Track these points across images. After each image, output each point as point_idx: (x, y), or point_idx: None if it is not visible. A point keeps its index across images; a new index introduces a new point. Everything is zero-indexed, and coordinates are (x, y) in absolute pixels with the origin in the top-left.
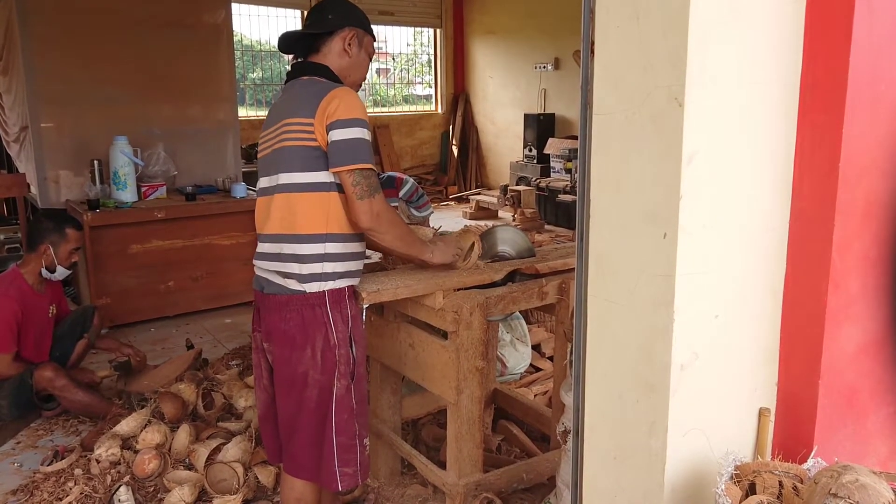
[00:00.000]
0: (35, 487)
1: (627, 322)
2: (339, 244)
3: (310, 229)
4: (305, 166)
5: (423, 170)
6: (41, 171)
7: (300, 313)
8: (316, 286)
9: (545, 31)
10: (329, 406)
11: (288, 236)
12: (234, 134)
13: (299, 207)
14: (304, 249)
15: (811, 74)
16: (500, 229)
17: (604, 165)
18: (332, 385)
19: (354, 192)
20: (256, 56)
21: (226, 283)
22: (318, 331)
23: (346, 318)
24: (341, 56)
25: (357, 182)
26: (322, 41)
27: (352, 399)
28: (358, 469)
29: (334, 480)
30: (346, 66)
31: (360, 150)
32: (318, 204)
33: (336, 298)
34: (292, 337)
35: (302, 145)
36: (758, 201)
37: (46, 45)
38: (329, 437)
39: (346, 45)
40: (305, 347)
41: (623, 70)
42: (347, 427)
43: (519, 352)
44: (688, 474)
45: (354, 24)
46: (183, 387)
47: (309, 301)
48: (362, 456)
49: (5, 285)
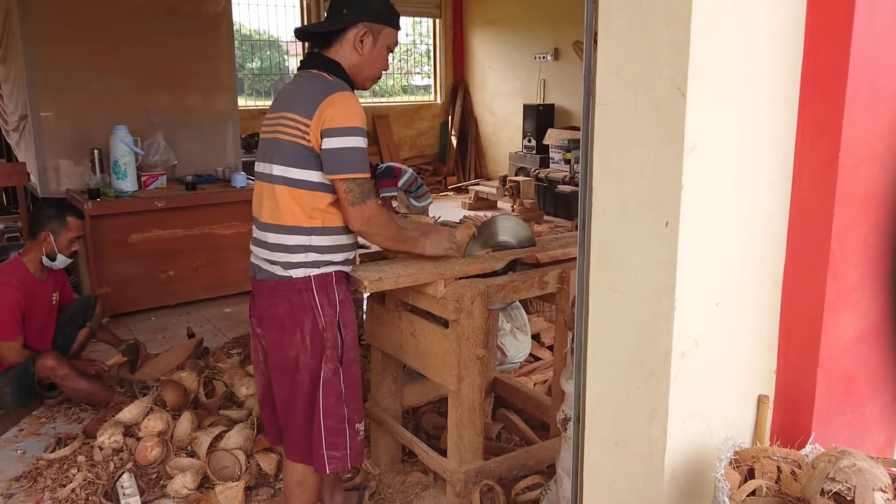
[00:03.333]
0: (38, 474)
1: (629, 309)
2: (326, 237)
3: (295, 222)
4: (298, 163)
5: (423, 160)
6: (41, 160)
7: (288, 298)
8: (301, 272)
9: (544, 21)
10: (318, 389)
11: (275, 226)
12: (233, 123)
13: (287, 201)
14: (290, 241)
15: (812, 65)
16: (500, 218)
17: (606, 155)
18: (320, 368)
19: (347, 198)
20: (255, 45)
21: (225, 273)
22: (305, 315)
23: (333, 303)
24: (352, 53)
25: (350, 189)
26: (335, 36)
27: (340, 383)
28: (347, 453)
29: (322, 464)
30: (357, 62)
31: (355, 159)
32: (305, 201)
33: (322, 283)
34: (281, 321)
35: (296, 142)
36: (759, 191)
37: (45, 33)
38: (317, 421)
39: (358, 41)
40: (294, 332)
41: (626, 60)
42: (336, 411)
43: (519, 341)
44: (688, 460)
45: (370, 18)
46: (184, 375)
47: (296, 286)
48: (353, 440)
49: (7, 274)
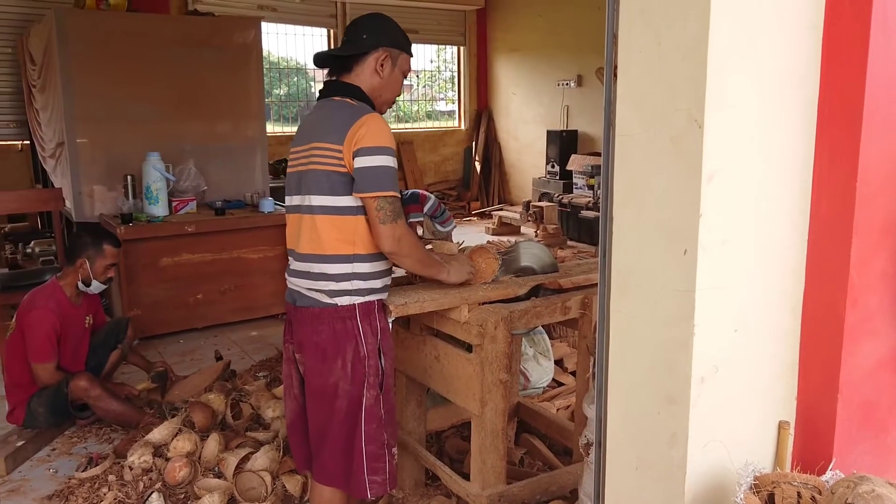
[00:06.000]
0: (70, 493)
1: (649, 335)
2: (367, 263)
3: (337, 250)
4: (334, 190)
5: (447, 185)
6: (76, 185)
7: (331, 326)
8: (346, 300)
9: (567, 48)
10: (359, 416)
11: (317, 256)
12: (262, 150)
13: (327, 230)
14: (333, 269)
15: (828, 95)
16: (523, 244)
17: (626, 183)
18: (361, 395)
19: (378, 216)
20: (282, 72)
21: (253, 296)
22: (348, 342)
23: (375, 331)
24: (372, 76)
25: (381, 207)
26: (355, 61)
27: (380, 409)
28: (387, 477)
29: (363, 488)
30: (377, 85)
31: (385, 177)
32: (346, 227)
33: (366, 311)
34: (324, 349)
35: (331, 170)
36: (777, 219)
37: (83, 64)
38: (359, 447)
39: (379, 65)
40: (336, 359)
41: (645, 92)
42: (377, 436)
43: (542, 366)
44: (708, 485)
45: (389, 43)
46: (212, 397)
47: (340, 314)
48: (391, 465)
49: (45, 297)
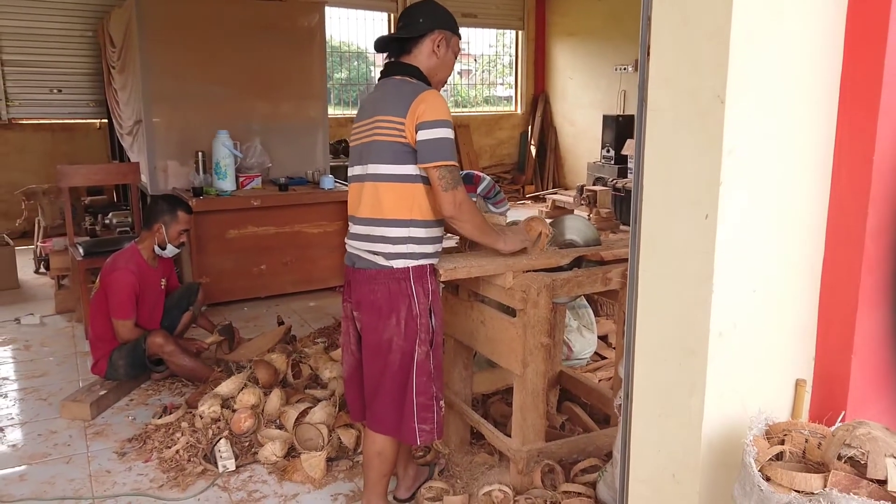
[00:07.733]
0: (147, 437)
1: (673, 294)
2: (423, 229)
3: (396, 214)
4: (395, 159)
5: (501, 168)
6: (152, 161)
7: (387, 286)
8: (401, 262)
9: (626, 33)
10: (410, 369)
11: (377, 220)
12: (323, 130)
13: (388, 195)
14: (392, 232)
15: (850, 74)
16: (568, 218)
17: (655, 156)
18: (413, 351)
19: (440, 184)
20: (343, 57)
21: (312, 269)
22: (402, 302)
23: (426, 292)
24: (430, 57)
25: (442, 176)
26: (413, 43)
27: (430, 364)
28: (434, 427)
29: (413, 436)
30: (433, 66)
31: (445, 148)
32: (405, 193)
33: (419, 274)
34: (379, 307)
35: (393, 140)
36: (799, 189)
37: (160, 46)
38: (410, 398)
39: (436, 46)
40: (391, 316)
41: (673, 71)
42: (426, 388)
43: (585, 338)
44: (723, 432)
45: (443, 26)
46: (275, 357)
47: (395, 275)
48: (438, 415)
49: (125, 260)
